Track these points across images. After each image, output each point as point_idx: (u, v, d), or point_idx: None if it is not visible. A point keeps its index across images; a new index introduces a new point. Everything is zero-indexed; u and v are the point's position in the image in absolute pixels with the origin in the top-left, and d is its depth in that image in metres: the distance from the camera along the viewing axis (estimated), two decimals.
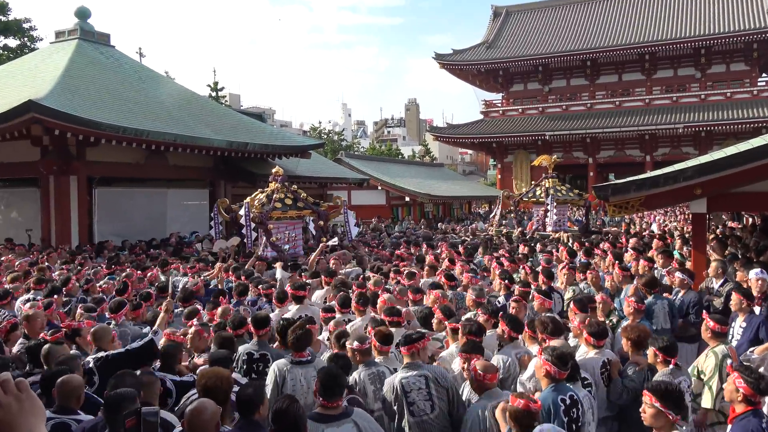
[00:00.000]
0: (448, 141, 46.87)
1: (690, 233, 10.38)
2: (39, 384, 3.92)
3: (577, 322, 5.19)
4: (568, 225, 17.63)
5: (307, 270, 9.46)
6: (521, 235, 16.22)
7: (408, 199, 31.45)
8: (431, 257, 10.23)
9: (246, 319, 5.38)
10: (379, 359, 4.58)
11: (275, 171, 13.37)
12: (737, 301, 5.89)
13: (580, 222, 17.43)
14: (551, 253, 10.18)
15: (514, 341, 4.86)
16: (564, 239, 13.52)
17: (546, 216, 17.27)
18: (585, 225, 16.75)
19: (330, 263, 9.68)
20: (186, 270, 9.97)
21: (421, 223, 25.78)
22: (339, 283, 7.50)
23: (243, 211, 12.34)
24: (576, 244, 12.14)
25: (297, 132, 58.89)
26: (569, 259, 9.26)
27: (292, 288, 6.68)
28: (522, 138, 41.19)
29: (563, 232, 16.40)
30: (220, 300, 6.89)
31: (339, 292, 6.73)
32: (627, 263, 8.40)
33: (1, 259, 11.16)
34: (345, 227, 14.75)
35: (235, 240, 13.27)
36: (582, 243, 12.13)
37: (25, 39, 32.14)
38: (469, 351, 4.28)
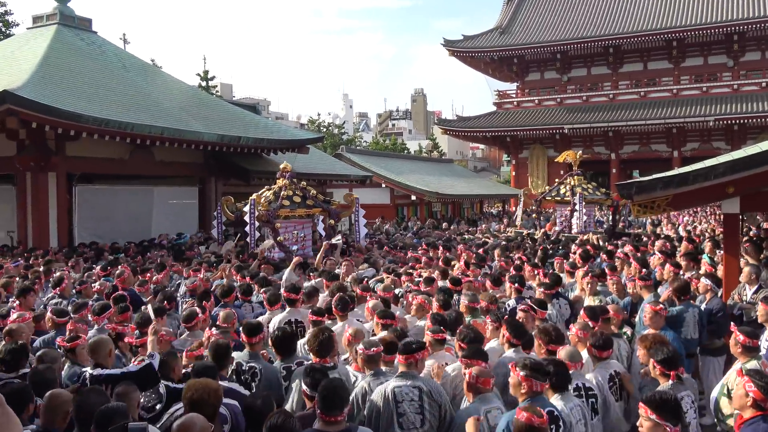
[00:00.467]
0: (458, 135, 46.91)
1: (721, 235, 10.33)
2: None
3: (576, 329, 5.26)
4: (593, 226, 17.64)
5: (316, 271, 9.59)
6: (545, 237, 16.25)
7: (414, 198, 31.42)
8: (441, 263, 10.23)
9: (262, 325, 5.37)
10: (386, 369, 4.57)
11: (283, 167, 13.41)
12: (764, 312, 5.74)
13: (601, 223, 17.43)
14: (561, 258, 10.19)
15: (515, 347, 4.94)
16: (593, 241, 13.60)
17: (572, 216, 17.26)
18: (612, 226, 16.75)
19: (342, 266, 9.78)
20: (189, 273, 10.02)
21: (428, 224, 25.71)
22: (336, 288, 7.54)
23: (248, 209, 12.40)
24: (608, 246, 12.20)
25: (294, 125, 59.00)
26: (584, 263, 9.27)
27: (285, 290, 6.72)
28: (538, 131, 41.19)
29: (591, 233, 16.42)
30: (204, 304, 6.91)
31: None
32: (653, 268, 8.38)
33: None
34: (354, 226, 14.82)
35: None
36: (614, 246, 12.19)
37: (0, 24, 32.30)
38: (470, 357, 4.36)
